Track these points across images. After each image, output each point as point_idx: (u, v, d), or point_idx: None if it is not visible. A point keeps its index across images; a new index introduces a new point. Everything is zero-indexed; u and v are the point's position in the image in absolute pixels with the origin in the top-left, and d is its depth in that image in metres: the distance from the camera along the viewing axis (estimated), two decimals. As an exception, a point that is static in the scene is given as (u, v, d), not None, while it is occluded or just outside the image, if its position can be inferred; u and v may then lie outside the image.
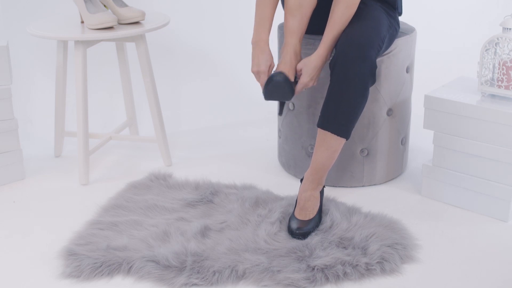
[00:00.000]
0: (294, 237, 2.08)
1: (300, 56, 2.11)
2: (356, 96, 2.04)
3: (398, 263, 1.96)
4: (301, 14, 2.08)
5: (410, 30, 2.45)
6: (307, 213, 2.14)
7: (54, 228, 2.21)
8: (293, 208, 2.20)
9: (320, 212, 2.17)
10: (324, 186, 2.23)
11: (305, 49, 2.30)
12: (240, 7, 3.54)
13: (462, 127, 2.22)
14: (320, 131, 2.12)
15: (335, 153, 2.13)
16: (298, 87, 2.11)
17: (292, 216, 2.15)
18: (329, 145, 2.11)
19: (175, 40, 3.55)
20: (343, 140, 2.11)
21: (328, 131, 2.09)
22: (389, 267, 1.93)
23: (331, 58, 2.09)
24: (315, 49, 2.22)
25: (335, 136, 2.09)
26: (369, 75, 2.04)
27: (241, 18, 3.57)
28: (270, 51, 2.14)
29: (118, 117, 3.21)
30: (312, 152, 2.45)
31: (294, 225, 2.11)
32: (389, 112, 2.41)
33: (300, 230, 2.09)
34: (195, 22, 3.62)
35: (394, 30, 2.26)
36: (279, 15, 2.34)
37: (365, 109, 2.36)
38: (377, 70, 2.32)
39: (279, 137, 2.62)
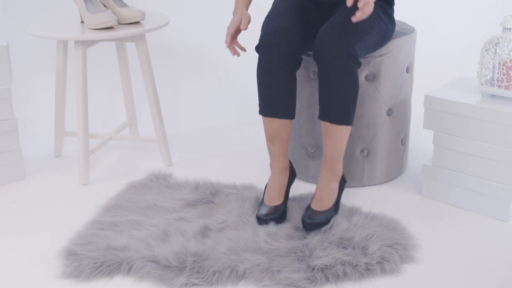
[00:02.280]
0: (305, 227, 2.10)
1: (288, 171, 2.27)
2: (343, 80, 2.05)
3: (398, 263, 1.96)
4: (281, 140, 2.21)
5: (410, 30, 2.45)
6: (322, 204, 2.15)
7: (54, 228, 2.21)
8: (310, 200, 2.22)
9: (337, 204, 2.19)
10: (344, 179, 2.24)
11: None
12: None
13: (462, 127, 2.22)
14: (321, 122, 2.14)
15: (341, 142, 2.14)
16: (358, 13, 1.96)
17: (308, 207, 2.16)
18: (332, 134, 2.13)
19: (175, 40, 3.54)
20: (345, 127, 2.12)
21: (327, 121, 2.11)
22: (389, 267, 1.93)
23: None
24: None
25: (335, 125, 2.10)
26: (350, 57, 2.03)
27: (241, 18, 3.57)
28: (241, 12, 2.23)
29: (118, 117, 3.21)
30: (312, 152, 2.46)
31: (307, 214, 2.13)
32: (389, 112, 2.41)
33: (312, 220, 2.10)
34: (195, 22, 3.61)
35: (385, 25, 2.24)
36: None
37: (365, 109, 2.36)
38: (377, 70, 2.32)
39: (279, 137, 2.62)
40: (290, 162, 2.32)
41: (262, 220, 2.15)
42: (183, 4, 3.56)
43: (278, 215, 2.17)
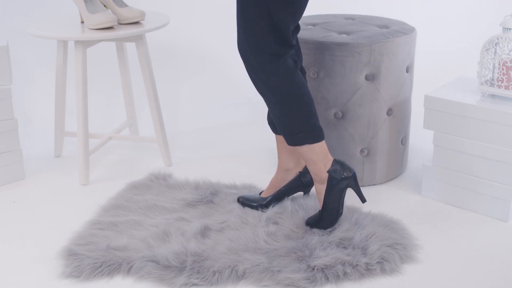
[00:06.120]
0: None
1: (288, 174, 2.26)
2: (272, 98, 2.04)
3: (398, 263, 1.96)
4: (280, 138, 2.24)
5: (410, 30, 2.45)
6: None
7: (54, 228, 2.21)
8: None
9: (326, 208, 2.08)
10: (334, 175, 2.07)
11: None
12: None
13: (462, 127, 2.22)
14: None
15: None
16: None
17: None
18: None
19: (175, 40, 3.55)
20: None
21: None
22: (389, 267, 1.93)
23: None
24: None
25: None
26: (258, 72, 2.03)
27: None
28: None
29: (118, 117, 3.21)
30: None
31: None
32: (389, 112, 2.41)
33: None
34: (195, 22, 3.62)
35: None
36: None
37: (365, 109, 2.35)
38: (377, 70, 2.32)
39: (279, 137, 2.62)
40: (304, 176, 2.26)
41: (238, 200, 2.28)
42: (183, 4, 3.56)
43: (255, 204, 2.25)
